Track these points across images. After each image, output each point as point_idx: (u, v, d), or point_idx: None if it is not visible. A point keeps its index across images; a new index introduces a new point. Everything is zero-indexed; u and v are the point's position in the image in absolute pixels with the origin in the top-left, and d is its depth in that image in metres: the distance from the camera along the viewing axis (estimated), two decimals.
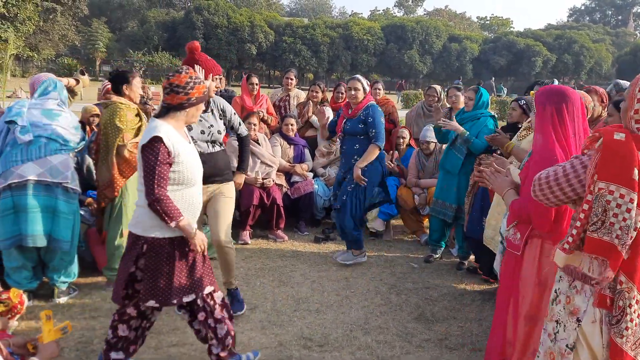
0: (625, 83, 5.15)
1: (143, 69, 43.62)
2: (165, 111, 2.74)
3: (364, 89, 4.77)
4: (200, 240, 2.73)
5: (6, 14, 29.26)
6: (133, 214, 2.81)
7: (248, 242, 5.50)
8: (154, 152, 2.59)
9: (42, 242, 3.68)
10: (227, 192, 3.82)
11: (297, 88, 7.12)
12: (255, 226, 5.80)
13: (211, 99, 3.74)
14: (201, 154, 3.24)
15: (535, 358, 2.21)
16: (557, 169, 2.07)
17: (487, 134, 4.45)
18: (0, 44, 27.97)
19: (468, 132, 4.67)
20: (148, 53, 46.53)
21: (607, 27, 77.04)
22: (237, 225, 5.72)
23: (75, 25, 39.56)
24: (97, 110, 5.44)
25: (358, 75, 4.94)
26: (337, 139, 6.21)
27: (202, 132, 3.65)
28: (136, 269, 2.73)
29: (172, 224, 2.60)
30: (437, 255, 5.26)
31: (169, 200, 2.62)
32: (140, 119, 4.15)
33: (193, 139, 3.34)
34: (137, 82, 4.15)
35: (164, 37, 49.86)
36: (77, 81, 4.38)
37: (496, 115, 5.87)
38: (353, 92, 4.73)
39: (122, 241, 4.15)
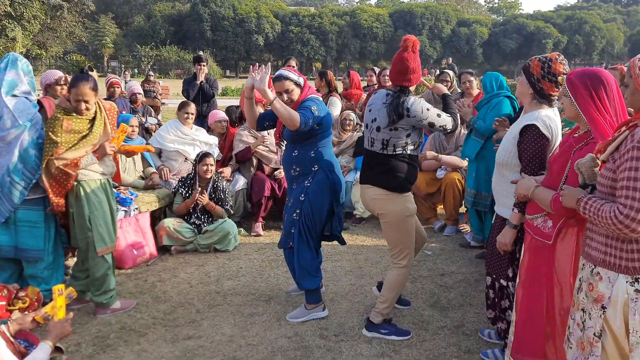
0: None
1: (151, 63, 43.80)
2: None
3: (298, 84, 3.51)
4: None
5: (13, 13, 29.41)
6: None
7: (261, 234, 5.51)
8: None
9: (7, 253, 3.46)
10: None
11: (310, 79, 7.08)
12: (268, 217, 5.80)
13: None
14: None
15: (568, 349, 2.17)
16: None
17: (497, 117, 4.42)
18: (8, 42, 28.22)
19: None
20: (155, 47, 46.66)
21: (618, 5, 75.85)
22: (250, 217, 5.76)
23: (82, 22, 39.72)
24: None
25: (283, 71, 3.52)
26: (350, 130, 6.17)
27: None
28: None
29: None
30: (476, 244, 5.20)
31: None
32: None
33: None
34: None
35: (171, 31, 49.98)
36: None
37: None
38: (285, 96, 3.47)
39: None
